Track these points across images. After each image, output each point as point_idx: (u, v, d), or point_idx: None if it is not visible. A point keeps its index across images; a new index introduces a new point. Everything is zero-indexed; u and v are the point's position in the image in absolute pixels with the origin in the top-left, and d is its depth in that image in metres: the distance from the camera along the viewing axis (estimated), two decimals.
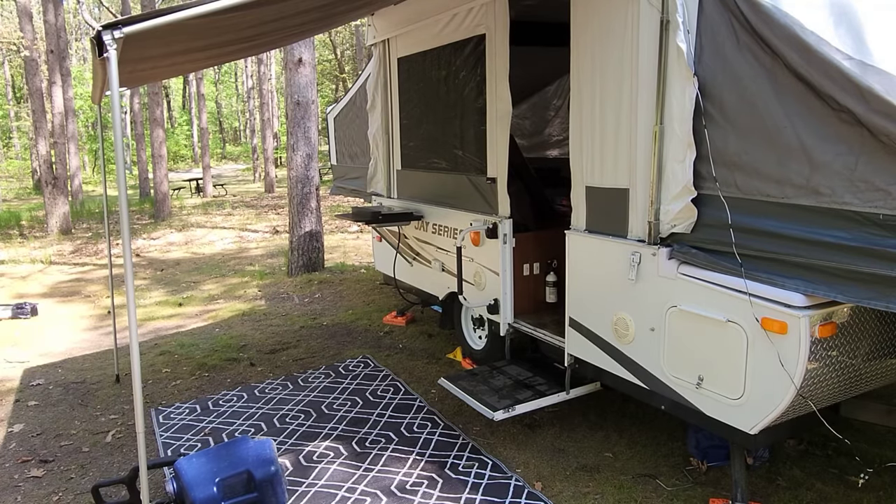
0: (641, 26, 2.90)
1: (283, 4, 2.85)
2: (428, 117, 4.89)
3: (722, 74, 2.59)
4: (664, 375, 2.99)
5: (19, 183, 27.88)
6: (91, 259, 10.68)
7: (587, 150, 3.32)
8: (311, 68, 8.11)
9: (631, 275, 3.09)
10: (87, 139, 31.49)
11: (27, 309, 7.00)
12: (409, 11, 4.88)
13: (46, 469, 3.69)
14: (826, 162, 2.27)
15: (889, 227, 2.11)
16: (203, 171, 21.12)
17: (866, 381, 2.78)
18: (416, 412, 4.17)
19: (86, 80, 30.69)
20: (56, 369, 5.36)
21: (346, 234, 11.97)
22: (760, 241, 2.52)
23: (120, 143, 2.62)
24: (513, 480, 3.31)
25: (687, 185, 2.75)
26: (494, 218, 4.18)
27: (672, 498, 3.14)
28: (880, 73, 2.13)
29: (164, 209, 15.15)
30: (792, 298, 2.42)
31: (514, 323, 4.19)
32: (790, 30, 2.30)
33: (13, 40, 17.17)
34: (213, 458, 2.97)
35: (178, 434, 4.01)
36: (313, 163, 8.39)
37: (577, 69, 3.34)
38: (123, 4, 17.37)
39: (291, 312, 6.79)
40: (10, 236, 13.21)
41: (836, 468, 3.33)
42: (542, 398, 3.70)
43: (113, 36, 2.30)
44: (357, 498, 3.21)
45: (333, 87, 32.51)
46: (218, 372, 5.11)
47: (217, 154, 41.08)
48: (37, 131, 13.93)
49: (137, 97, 20.78)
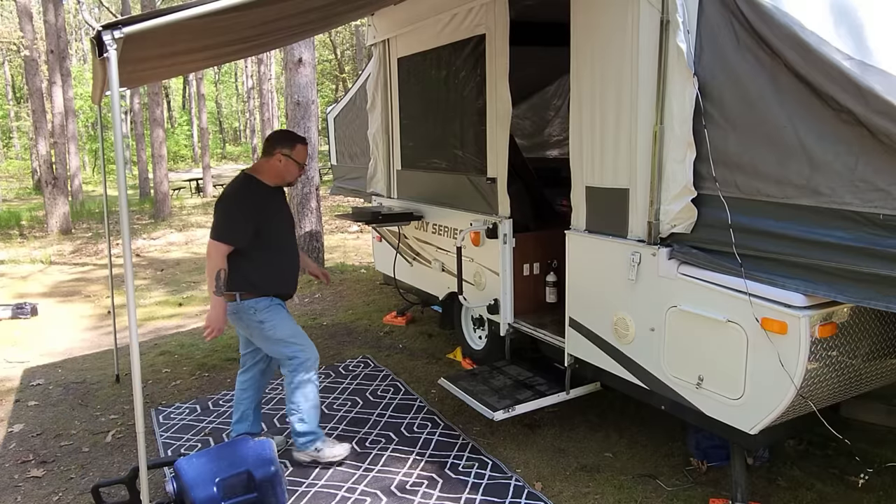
0: (641, 26, 2.90)
1: (284, 4, 2.85)
2: (428, 117, 4.89)
3: (722, 74, 2.59)
4: (664, 375, 2.99)
5: (19, 183, 27.88)
6: (91, 259, 10.68)
7: (587, 150, 3.32)
8: (311, 68, 8.11)
9: (631, 275, 3.09)
10: (87, 139, 31.50)
11: (27, 309, 7.00)
12: (409, 11, 4.88)
13: (46, 469, 3.69)
14: (826, 162, 2.26)
15: (889, 227, 2.11)
16: (203, 171, 21.11)
17: (866, 381, 2.78)
18: (416, 412, 4.17)
19: (86, 80, 30.68)
20: (56, 369, 5.36)
21: (346, 234, 11.97)
22: (760, 241, 2.52)
23: (120, 143, 2.62)
24: (513, 480, 3.31)
25: (687, 185, 2.75)
26: (494, 218, 4.18)
27: (672, 498, 3.14)
28: (880, 74, 2.13)
29: (165, 209, 15.16)
30: (792, 298, 2.42)
31: (514, 323, 4.19)
32: (790, 30, 2.30)
33: (13, 40, 17.16)
34: (213, 458, 2.97)
35: (178, 434, 4.01)
36: (313, 163, 8.39)
37: (576, 69, 3.34)
38: (123, 4, 17.39)
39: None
40: (10, 236, 13.21)
41: (836, 468, 3.33)
42: (542, 398, 3.70)
43: (113, 36, 2.29)
44: (357, 498, 3.21)
45: (333, 87, 32.52)
46: (218, 372, 5.11)
47: (217, 154, 41.06)
48: (37, 131, 13.93)
49: (137, 97, 20.78)
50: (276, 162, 3.43)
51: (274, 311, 3.42)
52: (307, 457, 3.53)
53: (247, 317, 3.38)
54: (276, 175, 3.45)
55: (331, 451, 3.54)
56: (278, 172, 3.45)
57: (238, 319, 3.42)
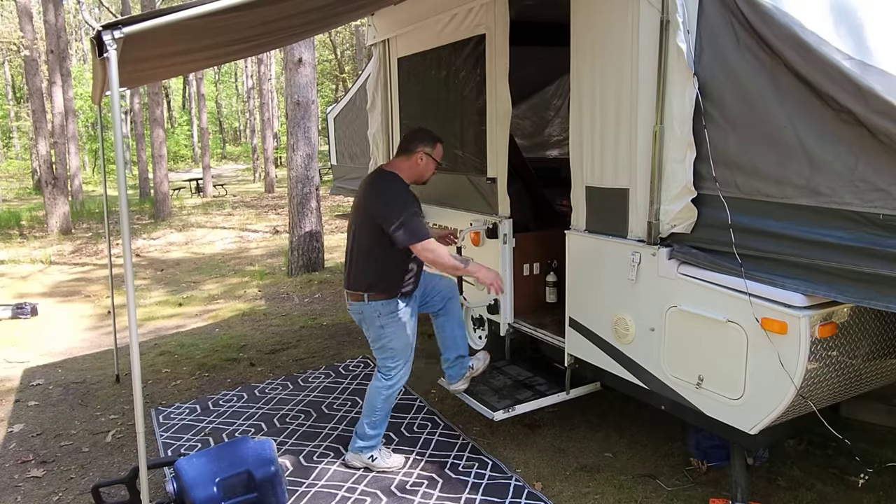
0: (641, 26, 2.90)
1: (284, 5, 2.85)
2: (428, 117, 4.89)
3: (722, 74, 2.59)
4: (664, 375, 2.99)
5: (19, 183, 27.88)
6: (91, 259, 10.68)
7: (587, 150, 3.32)
8: (311, 68, 8.11)
9: (631, 275, 3.09)
10: (87, 139, 31.49)
11: (27, 309, 7.00)
12: (409, 11, 4.88)
13: (46, 469, 3.69)
14: (826, 162, 2.26)
15: (889, 227, 2.11)
16: (203, 171, 21.12)
17: (866, 381, 2.78)
18: (416, 412, 4.17)
19: (86, 80, 30.69)
20: (56, 369, 5.36)
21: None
22: (760, 241, 2.52)
23: (120, 144, 2.62)
24: (513, 480, 3.31)
25: (687, 185, 2.75)
26: (494, 218, 4.18)
27: (672, 498, 3.14)
28: (880, 74, 2.13)
29: (165, 209, 15.16)
30: (792, 298, 2.42)
31: (514, 323, 4.19)
32: (790, 30, 2.30)
33: (13, 40, 17.16)
34: (213, 458, 2.98)
35: (178, 434, 4.01)
36: (313, 163, 8.39)
37: (576, 69, 3.34)
38: (123, 4, 17.39)
39: (291, 312, 6.79)
40: (10, 236, 13.21)
41: (836, 468, 3.33)
42: (542, 398, 3.70)
43: (113, 36, 2.29)
44: (357, 498, 3.21)
45: (333, 87, 32.52)
46: (218, 372, 5.11)
47: (217, 154, 41.08)
48: (37, 131, 13.94)
49: (137, 97, 20.79)
50: (418, 161, 3.37)
51: (396, 319, 3.36)
52: (360, 462, 3.50)
53: (370, 318, 3.35)
54: (415, 174, 3.40)
55: (385, 461, 3.50)
56: (418, 171, 3.40)
57: (362, 319, 3.40)
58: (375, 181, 3.36)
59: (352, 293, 3.36)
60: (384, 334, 3.36)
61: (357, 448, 3.48)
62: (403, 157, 3.39)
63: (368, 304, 3.31)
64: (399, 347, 3.40)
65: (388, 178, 3.33)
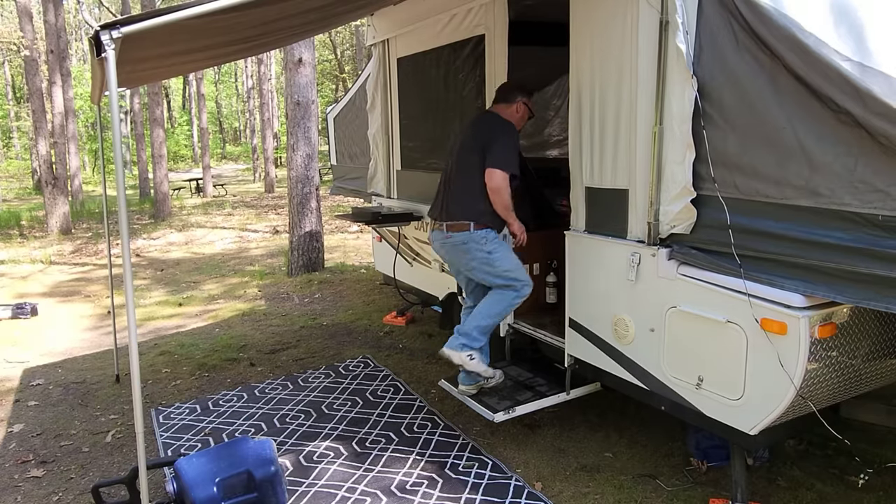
0: (641, 27, 2.90)
1: (284, 5, 2.85)
2: (428, 117, 4.89)
3: (721, 75, 2.59)
4: (664, 376, 3.00)
5: (19, 183, 27.88)
6: (91, 259, 10.68)
7: (587, 151, 3.32)
8: (311, 68, 8.11)
9: (630, 275, 3.09)
10: (87, 139, 31.49)
11: (27, 309, 7.00)
12: (408, 12, 4.88)
13: (46, 469, 3.69)
14: (825, 163, 2.27)
15: (888, 228, 2.11)
16: (203, 171, 21.12)
17: (866, 382, 2.78)
18: (416, 412, 4.17)
19: (86, 80, 30.68)
20: (56, 369, 5.36)
21: (346, 234, 11.97)
22: (760, 242, 2.52)
23: (118, 144, 2.62)
24: (513, 480, 3.32)
25: (686, 185, 2.75)
26: None
27: (672, 498, 3.14)
28: (879, 75, 2.13)
29: (165, 209, 15.15)
30: (791, 299, 2.43)
31: (514, 324, 4.19)
32: (789, 31, 2.30)
33: (13, 40, 17.16)
34: (213, 458, 2.98)
35: (178, 434, 4.01)
36: (313, 163, 8.39)
37: (576, 69, 3.34)
38: (123, 4, 17.39)
39: (291, 312, 6.79)
40: (10, 236, 13.21)
41: (836, 468, 3.34)
42: (543, 399, 3.70)
43: (111, 36, 2.29)
44: (357, 498, 3.21)
45: (333, 87, 32.51)
46: (218, 372, 5.12)
47: (217, 154, 41.08)
48: (37, 131, 13.94)
49: (137, 97, 20.78)
50: (517, 109, 3.59)
51: (500, 243, 3.53)
52: (458, 359, 3.55)
53: (476, 246, 3.48)
54: (514, 121, 3.59)
55: (481, 366, 3.57)
56: (517, 119, 3.61)
57: (466, 251, 3.51)
58: (484, 117, 3.64)
59: (452, 224, 3.49)
60: (493, 259, 3.49)
61: (459, 345, 3.54)
62: (504, 105, 3.59)
63: (474, 233, 3.47)
64: (512, 266, 3.56)
65: (496, 118, 3.57)
